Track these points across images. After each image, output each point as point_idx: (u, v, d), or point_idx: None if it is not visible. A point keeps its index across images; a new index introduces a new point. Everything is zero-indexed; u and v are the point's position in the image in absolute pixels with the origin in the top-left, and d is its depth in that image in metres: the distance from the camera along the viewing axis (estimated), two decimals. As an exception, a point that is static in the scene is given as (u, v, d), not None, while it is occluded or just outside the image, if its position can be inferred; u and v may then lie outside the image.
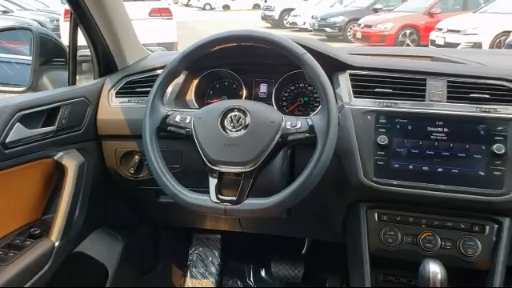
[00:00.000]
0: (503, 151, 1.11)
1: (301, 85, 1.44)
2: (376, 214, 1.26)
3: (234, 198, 1.09)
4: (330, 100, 1.07)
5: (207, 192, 1.11)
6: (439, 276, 1.05)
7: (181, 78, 1.43)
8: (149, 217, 1.80)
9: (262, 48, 1.16)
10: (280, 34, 1.15)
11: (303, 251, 2.00)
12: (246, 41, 1.17)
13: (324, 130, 1.06)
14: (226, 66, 1.47)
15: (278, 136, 1.10)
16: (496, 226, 1.18)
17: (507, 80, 1.20)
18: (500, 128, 1.13)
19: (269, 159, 1.11)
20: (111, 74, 1.53)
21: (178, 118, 1.18)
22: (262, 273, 2.11)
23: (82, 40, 1.48)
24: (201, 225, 1.79)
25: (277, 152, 1.12)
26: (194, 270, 2.10)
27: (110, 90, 1.48)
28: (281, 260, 2.00)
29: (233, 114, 1.14)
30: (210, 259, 2.12)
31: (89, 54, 1.52)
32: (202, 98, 1.50)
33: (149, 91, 1.21)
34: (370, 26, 10.94)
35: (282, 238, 1.93)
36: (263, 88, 1.47)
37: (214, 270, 2.10)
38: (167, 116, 1.19)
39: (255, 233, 1.79)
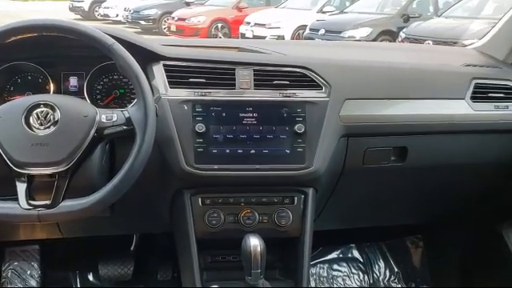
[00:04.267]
0: (303, 130, 1.25)
1: (115, 76, 1.40)
2: (200, 199, 1.30)
3: (48, 202, 1.01)
4: (145, 90, 1.07)
5: (17, 199, 1.01)
6: (259, 248, 1.14)
7: None
8: None
9: (69, 39, 1.09)
10: (89, 25, 1.11)
11: (132, 248, 1.97)
12: (49, 31, 1.08)
13: (142, 121, 1.06)
14: (29, 58, 1.34)
15: (92, 131, 1.05)
16: (302, 196, 1.32)
17: (303, 67, 1.34)
18: (299, 110, 1.27)
19: (85, 156, 1.06)
20: None
21: None
22: (90, 277, 2.00)
23: None
24: (14, 236, 1.62)
25: (93, 148, 1.08)
26: (9, 287, 1.89)
27: None
28: (108, 260, 1.93)
29: (39, 110, 1.05)
30: (29, 272, 1.93)
31: None
32: (2, 95, 1.34)
33: None
34: (183, 19, 11.12)
35: (108, 237, 1.86)
36: (73, 81, 1.38)
37: (34, 283, 1.91)
38: None
39: (78, 236, 1.69)
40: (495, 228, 1.75)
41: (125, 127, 1.07)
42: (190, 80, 1.28)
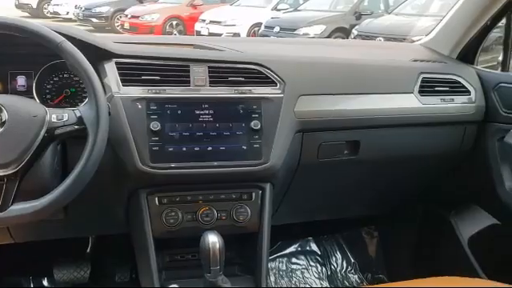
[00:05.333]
0: (259, 126, 1.27)
1: (65, 75, 1.36)
2: (156, 199, 1.29)
3: None
4: (97, 88, 1.05)
5: None
6: (217, 245, 1.14)
7: None
8: None
9: (16, 37, 1.05)
10: (37, 22, 1.07)
11: (88, 250, 1.92)
12: None
13: (94, 120, 1.04)
14: None
15: (43, 131, 1.02)
16: (260, 191, 1.34)
17: (258, 64, 1.35)
18: (255, 106, 1.28)
19: (35, 157, 1.02)
20: None
21: None
22: (44, 282, 1.94)
23: None
24: None
25: (44, 148, 1.05)
26: (-43, 297, 1.80)
27: None
28: (64, 264, 1.87)
29: None
30: (-21, 281, 1.85)
31: None
32: None
33: None
34: (137, 17, 10.92)
35: (62, 240, 1.81)
36: (21, 81, 1.33)
37: (-16, 291, 1.84)
38: None
39: (31, 241, 1.64)
40: (444, 216, 1.83)
41: (76, 127, 1.05)
42: (144, 77, 1.27)
